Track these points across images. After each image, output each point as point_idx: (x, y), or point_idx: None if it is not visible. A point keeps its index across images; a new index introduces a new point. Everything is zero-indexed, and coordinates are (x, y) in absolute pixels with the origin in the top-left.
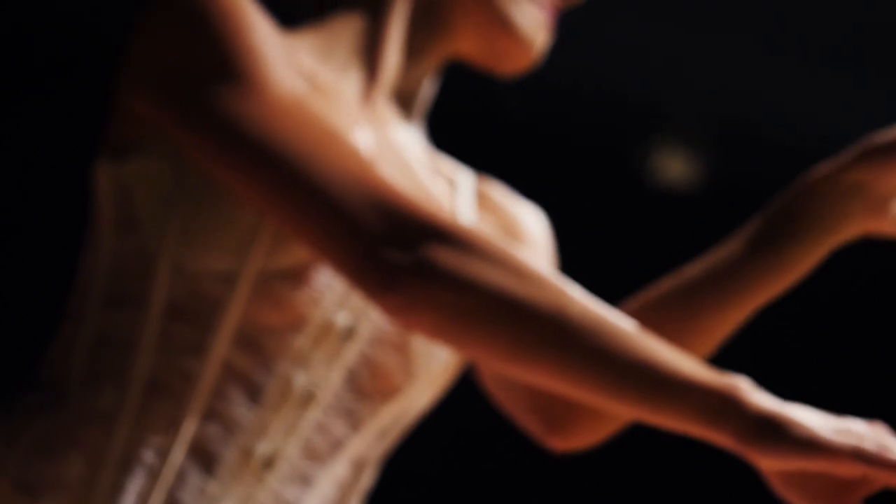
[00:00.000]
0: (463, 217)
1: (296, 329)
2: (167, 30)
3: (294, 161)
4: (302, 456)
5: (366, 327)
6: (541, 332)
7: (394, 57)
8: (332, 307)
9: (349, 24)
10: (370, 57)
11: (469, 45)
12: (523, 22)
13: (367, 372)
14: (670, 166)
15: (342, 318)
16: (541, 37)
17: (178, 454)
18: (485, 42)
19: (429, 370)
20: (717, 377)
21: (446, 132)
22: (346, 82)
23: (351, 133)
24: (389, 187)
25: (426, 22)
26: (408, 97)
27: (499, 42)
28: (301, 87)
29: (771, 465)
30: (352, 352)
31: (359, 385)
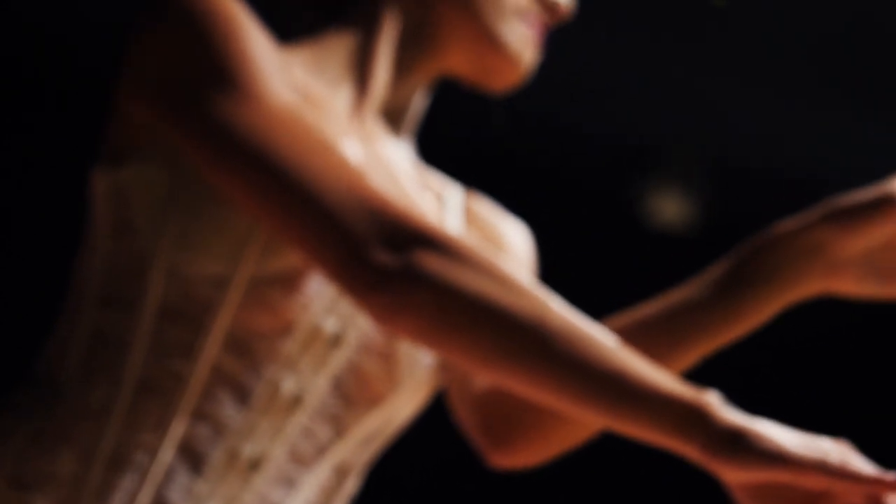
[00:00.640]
0: (451, 229)
1: (285, 334)
2: (166, 37)
3: (287, 167)
4: (287, 459)
5: (353, 334)
6: (520, 338)
7: (383, 73)
8: (320, 313)
9: (341, 40)
10: (361, 73)
11: (459, 61)
12: (512, 39)
13: (354, 378)
14: (666, 207)
15: (330, 325)
16: (529, 54)
17: (167, 453)
18: (474, 59)
19: (413, 379)
20: (688, 390)
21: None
22: (337, 96)
23: (341, 144)
24: (380, 194)
25: (416, 39)
26: (398, 112)
27: (488, 59)
28: (294, 98)
29: (736, 477)
30: (339, 358)
31: (345, 391)
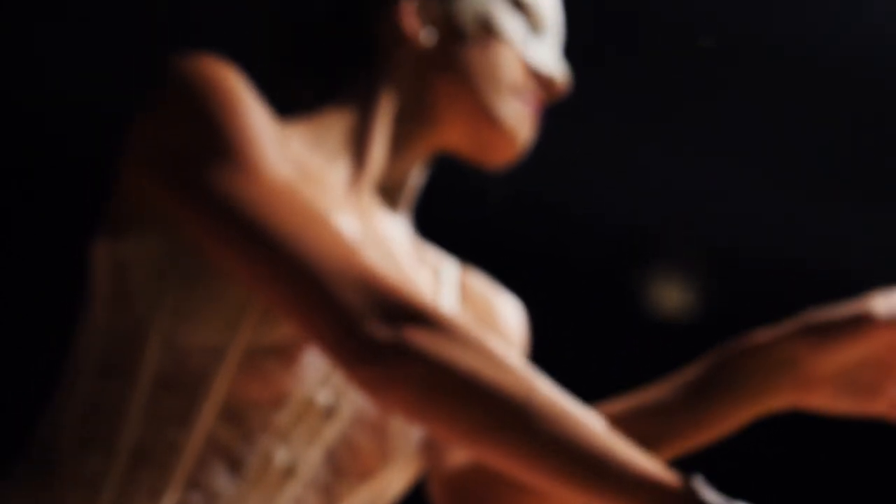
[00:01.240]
0: (445, 305)
1: (279, 405)
2: (168, 112)
3: (282, 240)
4: None
5: (347, 407)
6: (506, 415)
7: (380, 149)
8: (314, 385)
9: (339, 115)
10: (358, 149)
11: (456, 137)
12: (508, 116)
13: (346, 451)
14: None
15: (324, 397)
16: (525, 130)
17: None
18: (471, 134)
19: (404, 454)
20: (672, 475)
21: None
22: (334, 171)
23: (337, 219)
24: (373, 269)
25: (413, 115)
26: (395, 187)
27: (484, 135)
28: (291, 173)
29: None
30: (332, 430)
31: (337, 463)
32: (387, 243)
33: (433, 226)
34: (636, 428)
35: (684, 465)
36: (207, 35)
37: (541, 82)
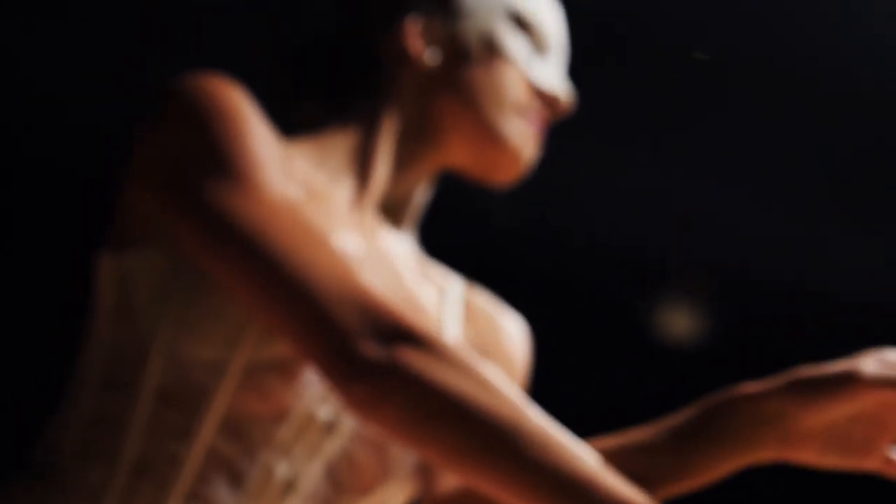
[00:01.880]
0: (448, 323)
1: (279, 419)
2: (172, 128)
3: (279, 256)
4: None
5: (347, 423)
6: (493, 440)
7: (384, 168)
8: (315, 400)
9: (344, 135)
10: (362, 167)
11: (460, 155)
12: (512, 134)
13: (346, 466)
14: (672, 318)
15: (324, 412)
16: (529, 149)
17: None
18: (475, 153)
19: (403, 470)
20: None
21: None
22: (338, 189)
23: (339, 237)
24: (370, 290)
25: (417, 135)
26: (400, 205)
27: (488, 154)
28: (292, 192)
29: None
30: (333, 445)
31: (337, 478)
32: (391, 260)
33: (441, 252)
34: (622, 466)
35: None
36: (213, 55)
37: (545, 101)
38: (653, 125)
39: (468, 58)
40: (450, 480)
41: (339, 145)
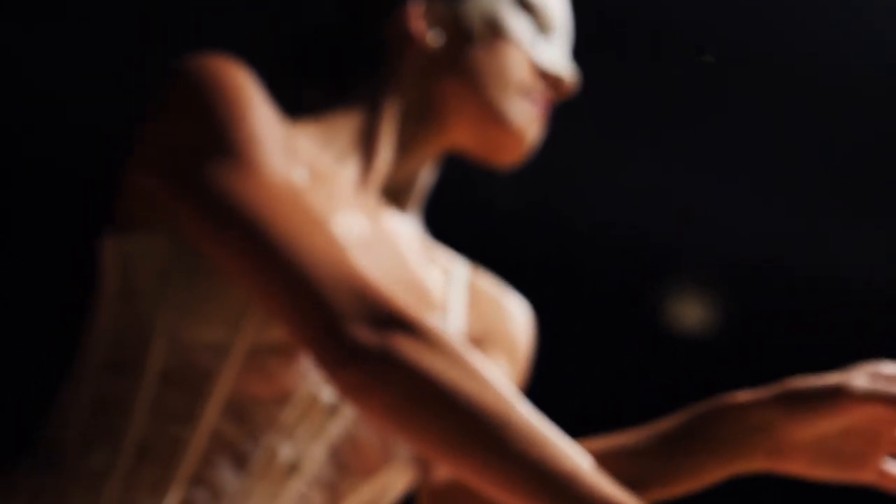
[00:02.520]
0: (453, 305)
1: (283, 402)
2: (175, 109)
3: (276, 239)
4: None
5: (350, 405)
6: (480, 430)
7: (389, 150)
8: (318, 383)
9: (348, 117)
10: (366, 149)
11: (464, 136)
12: (516, 115)
13: (350, 448)
14: (681, 309)
15: (327, 394)
16: (533, 130)
17: None
18: (479, 134)
19: (406, 453)
20: (633, 502)
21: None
22: (343, 170)
23: (342, 219)
24: (366, 277)
25: (421, 116)
26: (404, 187)
27: (492, 135)
28: (295, 175)
29: None
30: (336, 427)
31: (341, 460)
32: (396, 242)
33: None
34: (609, 468)
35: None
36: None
37: (549, 82)
38: (666, 117)
39: (471, 39)
40: (445, 470)
41: (344, 127)
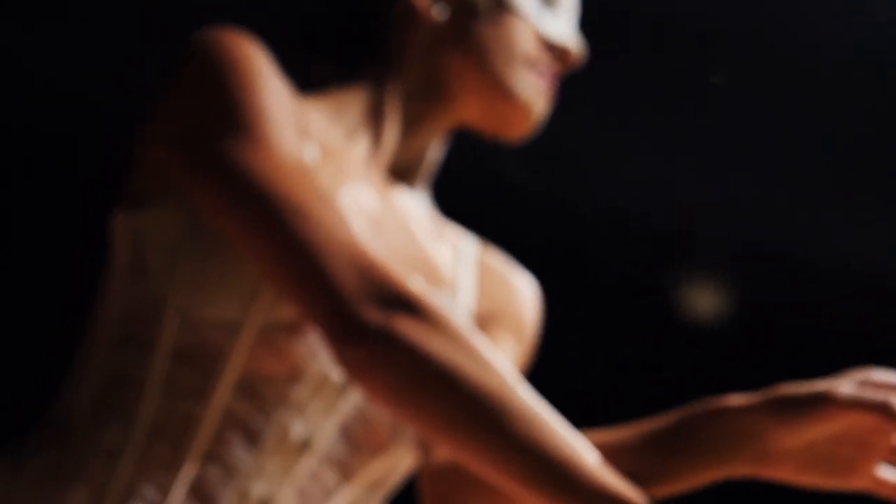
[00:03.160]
0: (462, 282)
1: (294, 379)
2: (187, 84)
3: (287, 214)
4: (296, 502)
5: (354, 384)
6: (480, 411)
7: (396, 126)
8: (328, 361)
9: (356, 94)
10: (374, 126)
11: (471, 111)
12: (522, 89)
13: (361, 426)
14: (701, 296)
15: (338, 372)
16: (541, 103)
17: (178, 493)
18: (486, 108)
19: (410, 434)
20: (632, 492)
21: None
22: (353, 147)
23: (352, 196)
24: (373, 258)
25: (428, 92)
26: (413, 163)
27: (499, 108)
28: (307, 149)
29: None
30: (347, 405)
31: (352, 437)
32: (405, 219)
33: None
34: None
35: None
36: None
37: (555, 54)
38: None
39: (476, 12)
40: (444, 452)
41: (353, 104)
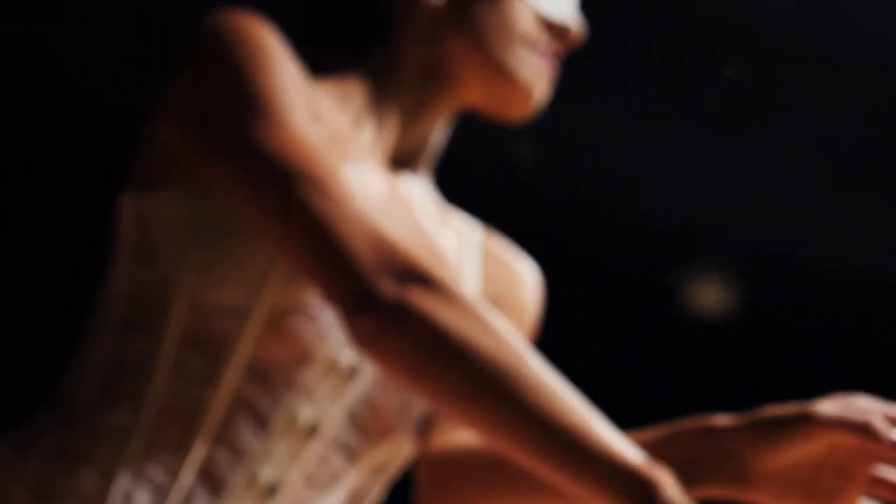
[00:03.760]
0: (466, 267)
1: (302, 364)
2: (199, 67)
3: (303, 189)
4: (304, 485)
5: (369, 368)
6: (491, 381)
7: (399, 113)
8: (337, 346)
9: (361, 81)
10: (378, 111)
11: (473, 94)
12: (522, 70)
13: (368, 410)
14: (703, 294)
15: (346, 357)
16: (542, 83)
17: (187, 476)
18: (487, 91)
19: (413, 420)
20: (644, 463)
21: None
22: (358, 133)
23: (357, 182)
24: (387, 232)
25: (429, 77)
26: (416, 149)
27: (500, 90)
28: (315, 133)
29: None
30: (355, 389)
31: (359, 422)
32: (410, 205)
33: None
34: None
35: None
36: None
37: (555, 33)
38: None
39: None
40: (443, 439)
41: (358, 92)
